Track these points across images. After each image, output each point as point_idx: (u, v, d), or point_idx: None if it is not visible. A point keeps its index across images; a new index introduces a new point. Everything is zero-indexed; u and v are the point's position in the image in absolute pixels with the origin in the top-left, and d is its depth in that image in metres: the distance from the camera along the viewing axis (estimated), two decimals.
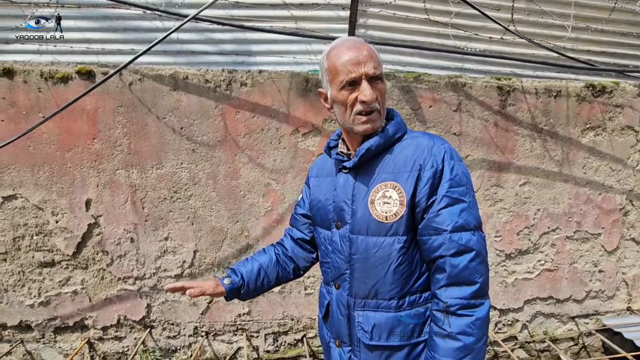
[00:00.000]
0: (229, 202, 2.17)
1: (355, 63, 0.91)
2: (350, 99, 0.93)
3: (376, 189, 0.94)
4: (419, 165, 0.91)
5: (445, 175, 0.89)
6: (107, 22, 2.16)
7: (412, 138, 0.97)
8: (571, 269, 2.48)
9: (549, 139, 2.34)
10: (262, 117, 2.13)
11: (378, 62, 0.94)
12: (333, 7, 2.23)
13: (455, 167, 0.91)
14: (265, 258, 1.17)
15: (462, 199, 0.89)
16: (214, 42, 2.27)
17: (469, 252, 0.86)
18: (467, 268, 0.86)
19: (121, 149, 2.07)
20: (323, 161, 1.14)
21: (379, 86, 0.94)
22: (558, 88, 2.30)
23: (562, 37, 2.39)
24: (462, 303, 0.85)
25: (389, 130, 0.97)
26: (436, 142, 0.94)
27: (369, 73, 0.91)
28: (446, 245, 0.87)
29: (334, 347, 1.04)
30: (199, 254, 2.20)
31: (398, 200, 0.91)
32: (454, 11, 2.28)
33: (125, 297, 2.19)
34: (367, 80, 0.91)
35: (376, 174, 0.96)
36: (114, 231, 2.12)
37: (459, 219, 0.87)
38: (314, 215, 1.12)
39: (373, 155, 0.97)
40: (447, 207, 0.88)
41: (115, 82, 2.01)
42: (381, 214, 0.92)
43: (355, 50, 0.92)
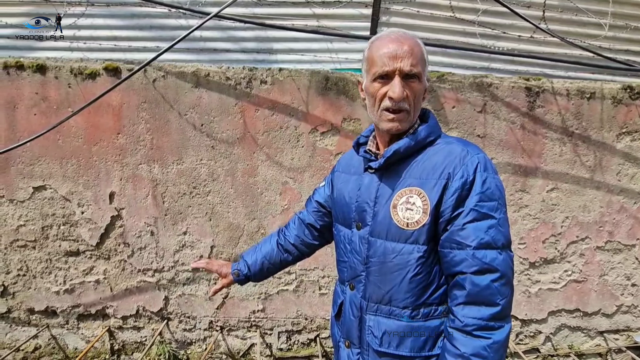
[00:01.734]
0: (246, 199, 2.19)
1: (392, 57, 0.86)
2: (380, 92, 0.89)
3: (400, 194, 0.90)
4: (447, 174, 0.86)
5: (476, 188, 0.84)
6: (134, 20, 2.22)
7: (445, 144, 0.92)
8: (601, 281, 2.35)
9: (580, 143, 2.22)
10: (281, 115, 2.13)
11: (419, 60, 0.87)
12: (355, 4, 2.20)
13: (488, 179, 0.85)
14: (268, 248, 1.25)
15: (492, 215, 0.83)
16: (235, 40, 2.29)
17: (493, 273, 0.81)
18: (489, 288, 0.81)
19: (144, 144, 2.12)
20: (351, 156, 1.10)
21: (414, 85, 0.88)
22: (592, 89, 2.18)
23: (598, 35, 2.27)
24: (480, 324, 0.80)
25: (420, 133, 0.92)
26: (470, 150, 0.88)
27: (404, 70, 0.86)
28: (468, 262, 0.82)
29: (343, 347, 1.03)
30: (215, 250, 2.23)
31: (421, 208, 0.87)
32: (482, 9, 2.21)
33: (144, 288, 2.24)
34: (400, 77, 0.87)
35: (402, 178, 0.92)
36: (135, 224, 2.18)
37: (485, 236, 0.82)
38: (335, 211, 1.10)
39: (401, 158, 0.92)
40: (473, 222, 0.83)
41: (140, 79, 2.06)
42: (402, 220, 0.89)
43: (396, 44, 0.87)
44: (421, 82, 0.89)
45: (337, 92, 2.12)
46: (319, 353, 2.23)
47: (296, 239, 1.23)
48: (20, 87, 2.06)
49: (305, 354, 2.31)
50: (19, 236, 2.17)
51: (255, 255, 1.23)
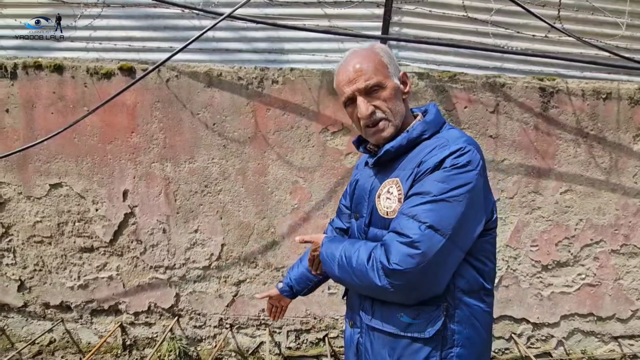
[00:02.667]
0: (256, 198, 2.20)
1: (347, 82, 0.94)
2: (354, 116, 0.98)
3: (384, 185, 0.95)
4: (420, 161, 0.88)
5: (438, 167, 0.84)
6: (148, 20, 2.26)
7: (436, 138, 0.93)
8: (616, 286, 2.30)
9: (595, 144, 2.18)
10: (292, 115, 2.14)
11: (373, 71, 0.92)
12: (367, 4, 2.19)
13: (457, 167, 0.82)
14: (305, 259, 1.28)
15: (433, 193, 0.81)
16: (247, 40, 2.31)
17: (404, 237, 0.81)
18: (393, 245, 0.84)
19: (157, 143, 2.15)
20: (365, 155, 1.18)
21: (379, 94, 0.93)
22: (608, 90, 2.14)
23: (614, 35, 2.22)
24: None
25: (413, 132, 0.94)
26: (454, 140, 0.87)
27: (360, 88, 0.92)
28: (394, 222, 0.87)
29: (348, 328, 1.08)
30: (226, 248, 2.25)
31: (397, 197, 0.91)
32: (495, 8, 2.18)
33: (156, 285, 2.28)
34: (362, 95, 0.93)
35: (391, 171, 0.97)
36: (147, 221, 2.21)
37: (414, 208, 0.82)
38: (349, 205, 1.18)
39: (395, 156, 0.96)
40: (413, 196, 0.85)
41: (154, 79, 2.10)
42: (383, 209, 0.94)
43: (346, 68, 0.95)
44: (385, 87, 0.93)
45: None
46: (327, 352, 2.24)
47: None
48: (38, 86, 2.11)
49: (313, 353, 2.32)
50: (36, 232, 2.22)
51: (298, 269, 1.27)
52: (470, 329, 0.89)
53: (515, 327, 2.33)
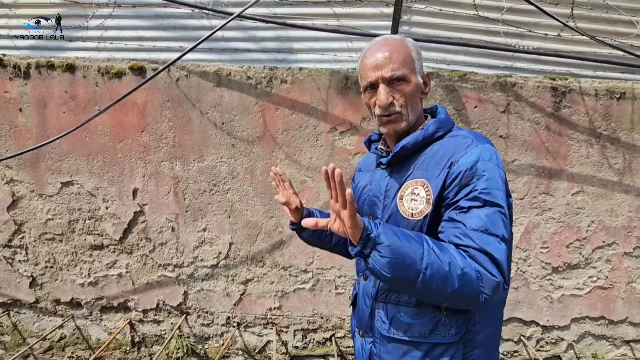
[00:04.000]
0: (264, 198, 2.21)
1: (373, 67, 0.92)
2: (371, 102, 0.96)
3: (406, 185, 0.92)
4: (450, 162, 0.86)
5: (480, 173, 0.82)
6: (159, 20, 2.27)
7: (453, 136, 0.93)
8: (628, 289, 2.26)
9: (608, 145, 2.14)
10: (300, 114, 2.14)
11: (401, 62, 0.91)
12: (376, 3, 2.19)
13: (493, 169, 0.84)
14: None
15: (499, 203, 0.81)
16: (256, 39, 2.32)
17: (486, 256, 0.78)
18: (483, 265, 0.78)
19: (166, 142, 2.17)
20: (368, 156, 1.16)
21: (401, 87, 0.92)
22: (622, 89, 2.10)
23: (629, 34, 2.18)
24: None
25: (428, 128, 0.94)
26: (476, 140, 0.88)
27: (385, 77, 0.91)
28: (469, 239, 0.79)
29: (358, 337, 1.05)
30: (234, 247, 2.26)
31: (425, 198, 0.88)
32: (506, 6, 2.16)
33: (165, 283, 2.29)
34: (385, 84, 0.91)
35: (410, 171, 0.94)
36: (157, 220, 2.23)
37: (488, 222, 0.79)
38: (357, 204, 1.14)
39: (410, 153, 0.95)
40: (478, 208, 0.81)
41: (164, 78, 2.11)
42: (407, 210, 0.90)
43: (375, 53, 0.93)
44: (409, 81, 0.92)
45: (357, 92, 2.11)
46: (334, 352, 2.23)
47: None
48: (50, 85, 2.14)
49: (320, 352, 2.32)
50: (47, 229, 2.25)
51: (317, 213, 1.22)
52: (489, 329, 0.89)
53: (525, 329, 2.30)
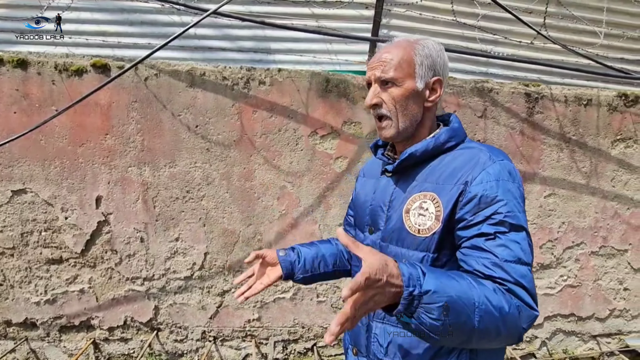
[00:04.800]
0: (242, 204, 2.10)
1: (370, 66, 0.91)
2: None
3: (413, 198, 0.87)
4: (465, 179, 0.81)
5: (501, 195, 0.77)
6: (124, 14, 2.11)
7: (466, 148, 0.88)
8: (595, 286, 2.37)
9: (577, 149, 2.24)
10: (279, 117, 2.06)
11: (395, 66, 0.87)
12: (356, 5, 2.15)
13: (513, 189, 0.79)
14: (326, 243, 1.15)
15: (523, 226, 0.78)
16: (231, 38, 2.21)
17: (523, 289, 0.73)
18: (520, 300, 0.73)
19: (134, 146, 2.01)
20: (373, 161, 1.09)
21: (390, 90, 0.88)
22: (589, 96, 2.20)
23: (593, 43, 2.29)
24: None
25: (440, 137, 0.88)
26: (493, 156, 0.83)
27: (376, 77, 0.89)
28: (502, 272, 0.73)
29: (351, 355, 0.99)
30: (209, 257, 2.13)
31: (434, 215, 0.82)
32: (481, 14, 2.20)
33: (133, 298, 2.13)
34: (378, 84, 0.89)
35: (418, 182, 0.88)
36: (123, 230, 2.06)
37: (517, 249, 0.75)
38: (355, 215, 1.06)
39: (418, 161, 0.89)
40: (505, 233, 0.75)
41: (131, 77, 1.96)
42: (414, 226, 0.84)
43: (378, 52, 0.92)
44: (399, 85, 0.87)
45: (338, 95, 2.07)
46: None
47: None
48: None
49: None
50: None
51: (309, 245, 1.12)
52: (493, 358, 0.86)
53: None
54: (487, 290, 0.68)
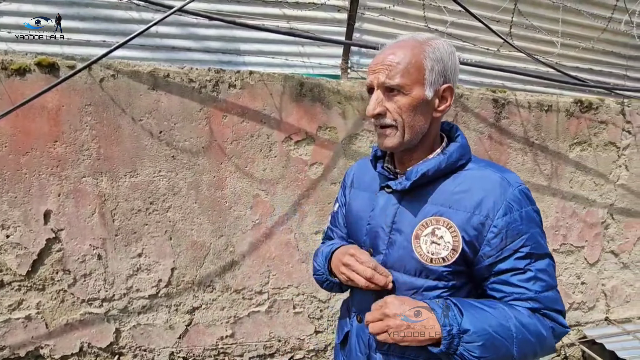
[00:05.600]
0: (212, 215, 1.98)
1: (371, 69, 0.82)
2: None
3: (425, 223, 0.79)
4: (487, 209, 0.76)
5: (525, 226, 0.75)
6: (74, 8, 1.91)
7: (477, 169, 0.83)
8: (557, 282, 2.51)
9: (539, 152, 2.35)
10: (251, 123, 1.96)
11: (402, 71, 0.77)
12: (328, 8, 2.11)
13: (535, 215, 0.78)
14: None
15: (547, 253, 0.79)
16: (197, 38, 2.08)
17: (556, 313, 0.77)
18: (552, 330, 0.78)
19: (89, 154, 1.82)
20: (362, 170, 0.99)
21: (396, 99, 0.79)
22: (549, 102, 2.32)
23: (551, 52, 2.43)
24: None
25: (452, 155, 0.82)
26: (510, 180, 0.79)
27: (379, 83, 0.79)
28: (535, 304, 0.76)
29: None
30: (177, 272, 1.98)
31: (451, 245, 0.76)
32: (449, 21, 2.24)
33: (90, 321, 1.92)
34: (381, 91, 0.80)
35: (427, 204, 0.81)
36: (78, 247, 1.86)
37: (547, 277, 0.76)
38: (348, 231, 0.99)
39: (428, 181, 0.82)
40: (534, 263, 0.75)
41: (84, 78, 1.76)
42: (426, 255, 0.78)
43: (381, 54, 0.81)
44: (407, 94, 0.78)
45: (313, 99, 2.01)
46: None
47: None
48: None
49: None
50: None
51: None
52: None
53: None
54: (523, 317, 0.70)
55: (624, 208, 2.55)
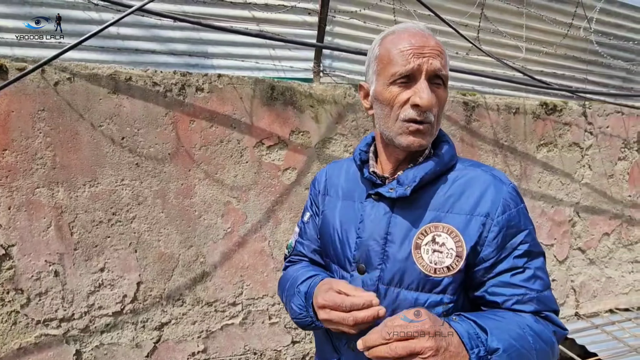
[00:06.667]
0: (181, 224, 1.88)
1: (417, 53, 0.69)
2: (399, 99, 0.72)
3: (424, 231, 0.72)
4: (486, 209, 0.72)
5: (521, 224, 0.73)
6: (26, 7, 1.79)
7: (467, 169, 0.78)
8: None
9: (509, 154, 2.40)
10: (221, 128, 1.89)
11: (447, 62, 0.74)
12: (299, 11, 2.08)
13: (526, 212, 0.77)
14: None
15: (541, 250, 0.77)
16: (162, 40, 1.99)
17: (555, 314, 0.74)
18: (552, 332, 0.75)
19: (42, 163, 1.69)
20: (336, 175, 0.89)
21: (440, 92, 0.73)
22: (517, 105, 2.38)
23: (517, 57, 2.50)
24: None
25: (444, 157, 0.76)
26: (502, 178, 0.77)
27: (433, 69, 0.70)
28: (536, 304, 0.73)
29: None
30: (143, 286, 1.87)
31: (454, 251, 0.70)
32: None
33: (47, 344, 1.78)
34: (427, 80, 0.71)
35: (422, 210, 0.74)
36: (31, 264, 1.72)
37: (544, 275, 0.75)
38: (323, 245, 0.87)
39: (422, 186, 0.76)
40: (533, 261, 0.73)
41: (36, 81, 1.64)
42: (429, 265, 0.71)
43: (420, 38, 0.71)
44: (447, 90, 0.75)
45: (284, 103, 1.96)
46: None
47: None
48: None
49: None
50: None
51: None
52: None
53: None
54: (533, 325, 0.68)
55: (589, 206, 2.65)
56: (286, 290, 0.87)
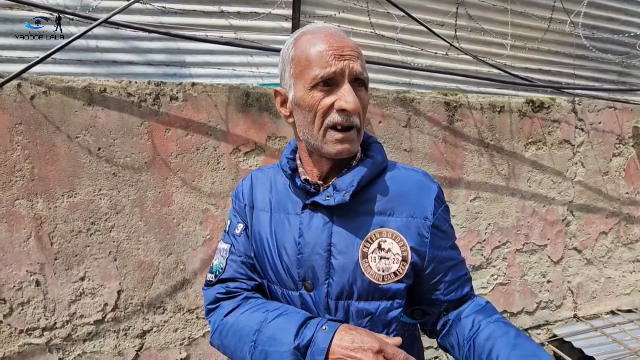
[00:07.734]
0: (160, 232, 1.90)
1: (337, 54, 0.66)
2: (323, 104, 0.67)
3: (369, 238, 0.70)
4: (422, 210, 0.72)
5: (446, 219, 0.78)
6: (7, 25, 1.84)
7: (398, 169, 0.78)
8: (522, 282, 2.49)
9: (495, 153, 2.35)
10: (197, 135, 1.90)
11: (365, 64, 0.71)
12: (275, 17, 2.09)
13: (449, 208, 0.81)
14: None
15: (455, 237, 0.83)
16: (140, 51, 2.03)
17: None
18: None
19: (21, 175, 1.73)
20: (262, 186, 0.81)
21: (363, 95, 0.70)
22: (501, 104, 2.34)
23: (501, 54, 2.46)
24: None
25: (376, 158, 0.74)
26: (431, 179, 0.80)
27: (355, 72, 0.67)
28: (469, 290, 0.81)
29: None
30: (124, 294, 1.88)
31: (400, 255, 0.69)
32: (399, 26, 2.25)
33: (30, 353, 1.80)
34: (350, 83, 0.67)
35: (364, 215, 0.71)
36: (13, 274, 1.75)
37: (467, 272, 0.80)
38: (259, 265, 0.79)
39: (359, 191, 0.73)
40: (455, 250, 0.79)
41: (12, 95, 1.68)
42: (377, 273, 0.68)
43: (338, 38, 0.68)
44: (366, 90, 0.72)
45: (260, 109, 1.97)
46: None
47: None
48: None
49: None
50: None
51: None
52: None
53: None
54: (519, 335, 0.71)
55: (584, 204, 2.57)
56: (250, 344, 0.70)
